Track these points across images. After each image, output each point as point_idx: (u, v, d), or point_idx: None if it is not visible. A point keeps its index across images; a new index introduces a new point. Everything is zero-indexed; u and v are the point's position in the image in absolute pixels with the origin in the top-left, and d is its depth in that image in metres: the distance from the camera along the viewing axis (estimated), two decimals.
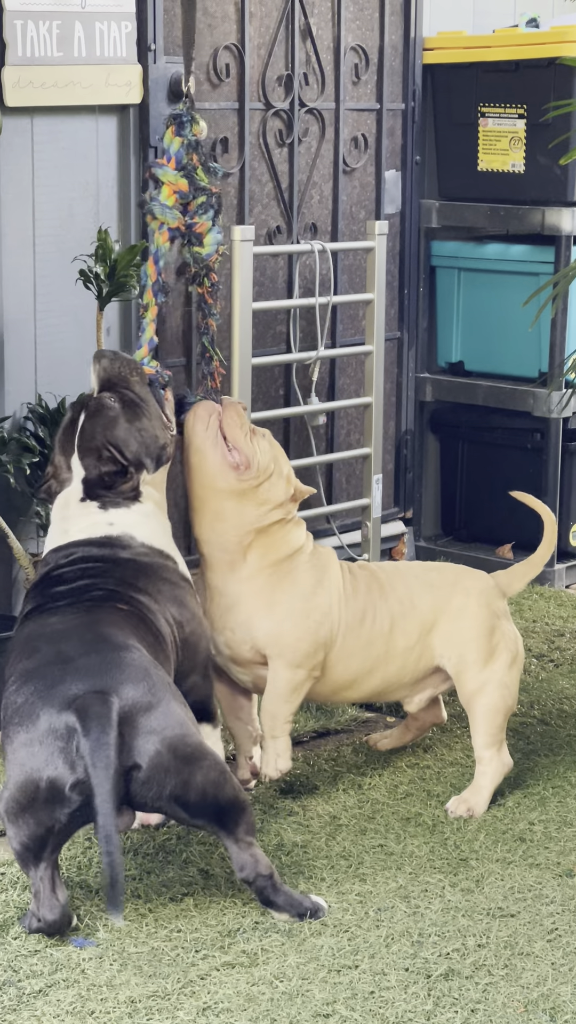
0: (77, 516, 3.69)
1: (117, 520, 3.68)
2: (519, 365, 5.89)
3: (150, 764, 3.19)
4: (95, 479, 3.70)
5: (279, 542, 3.93)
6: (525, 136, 5.75)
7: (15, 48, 4.54)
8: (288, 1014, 3.00)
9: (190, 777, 3.21)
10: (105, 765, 3.12)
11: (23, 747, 3.21)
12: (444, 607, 4.01)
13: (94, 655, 3.29)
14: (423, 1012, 3.02)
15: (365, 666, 3.98)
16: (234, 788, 3.28)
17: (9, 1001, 3.03)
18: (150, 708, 3.22)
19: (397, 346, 6.00)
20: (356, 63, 5.68)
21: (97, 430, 3.73)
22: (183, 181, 4.01)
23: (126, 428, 3.73)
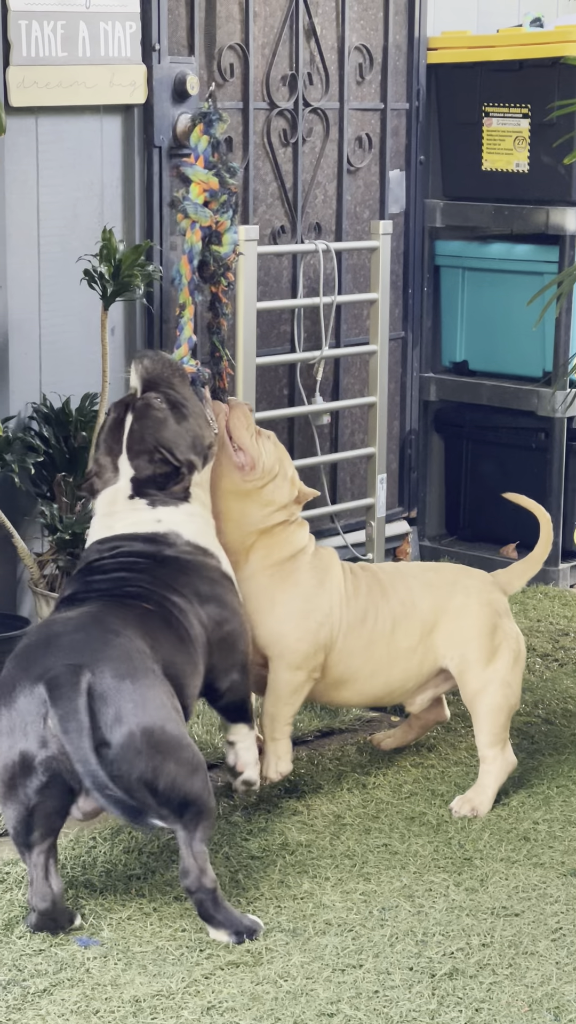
0: (125, 512, 3.70)
1: (165, 518, 3.69)
2: (523, 364, 5.89)
3: (120, 744, 3.17)
4: (145, 479, 3.71)
5: (282, 543, 3.93)
6: (529, 135, 5.75)
7: (19, 48, 4.54)
8: (292, 1013, 3.00)
9: (161, 765, 3.19)
10: (77, 728, 3.12)
11: (4, 723, 3.23)
12: (445, 607, 4.01)
13: (80, 634, 3.30)
14: (427, 1011, 3.02)
15: (367, 668, 3.97)
16: (205, 789, 3.25)
17: (14, 1000, 3.04)
18: (127, 690, 3.20)
19: (401, 346, 6.00)
20: (360, 63, 5.69)
21: (147, 431, 3.72)
22: (214, 179, 3.99)
23: (175, 429, 3.73)
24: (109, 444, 3.76)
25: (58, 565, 4.50)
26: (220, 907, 3.27)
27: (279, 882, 3.54)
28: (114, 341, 4.96)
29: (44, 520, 4.53)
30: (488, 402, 5.95)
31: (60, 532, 4.44)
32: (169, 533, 3.66)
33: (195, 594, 3.60)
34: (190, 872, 3.24)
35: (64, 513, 4.53)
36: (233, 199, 4.04)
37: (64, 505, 4.56)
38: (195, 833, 3.24)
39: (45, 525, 4.53)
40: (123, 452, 3.73)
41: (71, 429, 4.65)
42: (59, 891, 3.28)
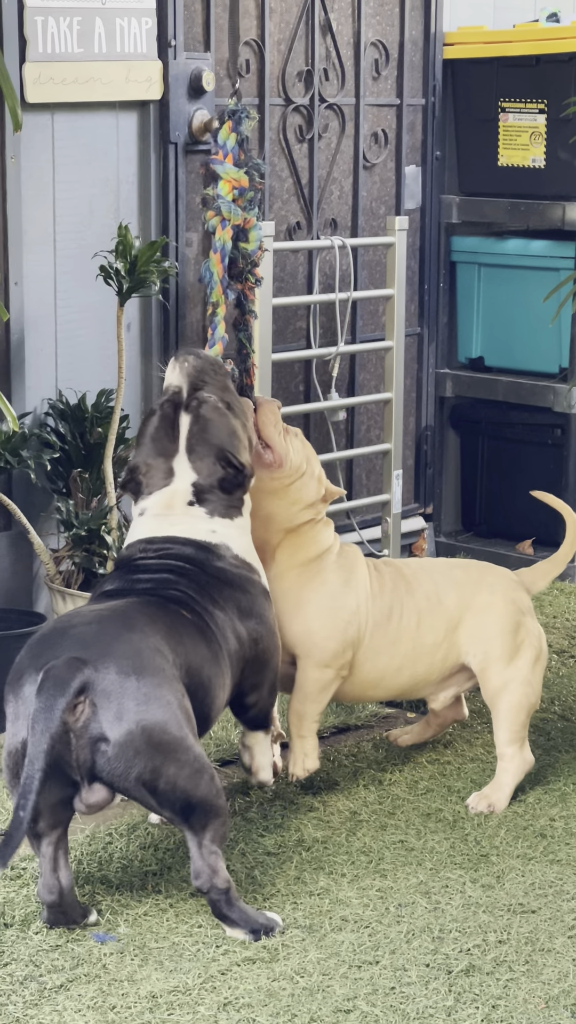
0: (181, 517, 3.64)
1: (220, 530, 3.64)
2: (539, 360, 5.88)
3: (119, 741, 3.15)
4: (209, 484, 3.64)
5: (308, 542, 3.92)
6: (546, 131, 5.74)
7: (35, 44, 4.54)
8: (309, 1009, 3.00)
9: (161, 766, 3.17)
10: (43, 728, 3.10)
11: (11, 709, 3.24)
12: (470, 603, 4.01)
13: (95, 626, 3.28)
14: (444, 1008, 3.02)
15: (393, 664, 3.97)
16: (211, 791, 3.22)
17: (31, 996, 3.04)
18: (132, 687, 3.17)
19: (417, 342, 5.99)
20: (376, 58, 5.68)
21: (209, 433, 3.65)
22: (244, 177, 3.99)
23: (234, 431, 3.68)
24: (162, 444, 3.66)
25: (74, 561, 4.50)
26: (234, 906, 3.26)
27: (295, 878, 3.54)
28: (130, 337, 4.96)
29: (60, 516, 4.53)
30: (504, 398, 5.94)
31: (76, 528, 4.44)
32: (221, 545, 3.63)
33: (236, 608, 3.58)
34: (201, 873, 3.23)
35: (80, 509, 4.53)
36: (258, 195, 4.04)
37: (80, 501, 4.56)
38: (204, 834, 3.23)
39: (61, 521, 4.53)
40: (181, 453, 3.65)
41: (87, 425, 4.65)
42: (67, 885, 3.27)
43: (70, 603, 4.44)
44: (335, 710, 4.52)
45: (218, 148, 4.02)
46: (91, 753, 3.16)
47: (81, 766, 3.16)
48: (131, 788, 3.19)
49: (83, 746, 3.15)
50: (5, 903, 3.38)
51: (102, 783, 3.20)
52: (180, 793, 3.19)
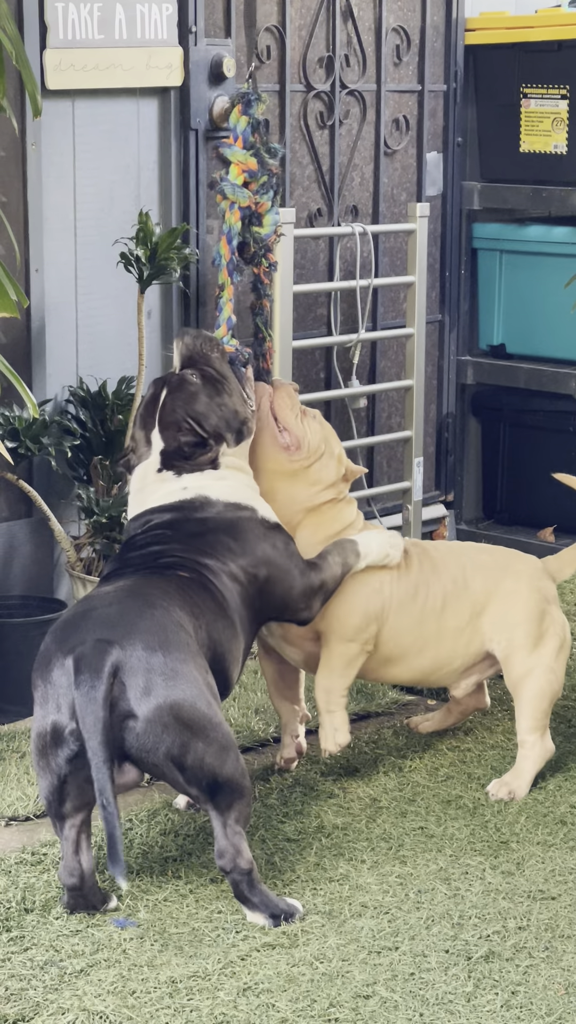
0: (154, 485, 3.73)
1: (191, 484, 3.71)
2: (561, 347, 5.87)
3: (148, 717, 3.17)
4: (173, 450, 3.73)
5: (329, 520, 3.93)
6: (568, 117, 5.72)
7: (56, 31, 4.54)
8: (328, 995, 3.00)
9: (190, 741, 3.19)
10: (94, 718, 3.13)
11: (39, 693, 3.26)
12: (495, 589, 4.00)
13: (115, 606, 3.31)
14: (463, 994, 3.01)
15: (417, 644, 3.97)
16: (237, 770, 3.25)
17: (51, 980, 3.05)
18: (159, 664, 3.20)
19: (438, 329, 5.98)
20: (397, 44, 5.66)
21: (178, 404, 3.75)
22: (252, 160, 3.98)
23: (206, 403, 3.76)
24: (144, 419, 3.80)
25: (95, 548, 4.51)
26: (256, 889, 3.27)
27: (315, 864, 3.54)
28: (150, 324, 4.96)
29: (81, 503, 4.54)
30: (525, 385, 5.93)
31: (97, 515, 4.45)
32: (196, 498, 3.68)
33: (228, 551, 3.61)
34: (225, 853, 3.25)
35: (101, 496, 4.53)
36: (274, 180, 4.03)
37: (101, 488, 4.56)
38: (229, 814, 3.24)
39: (82, 508, 4.54)
40: (155, 426, 3.76)
41: (107, 412, 4.65)
42: (89, 868, 3.29)
43: (90, 590, 4.44)
44: (355, 697, 4.52)
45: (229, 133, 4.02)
46: (120, 731, 3.18)
47: (112, 745, 3.17)
48: (160, 764, 3.20)
49: (113, 724, 3.17)
50: (26, 888, 3.38)
51: (131, 762, 3.22)
52: (208, 769, 3.21)
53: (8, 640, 4.40)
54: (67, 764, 3.21)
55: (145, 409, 3.80)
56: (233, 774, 3.24)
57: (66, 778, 3.22)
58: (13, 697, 4.40)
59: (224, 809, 3.24)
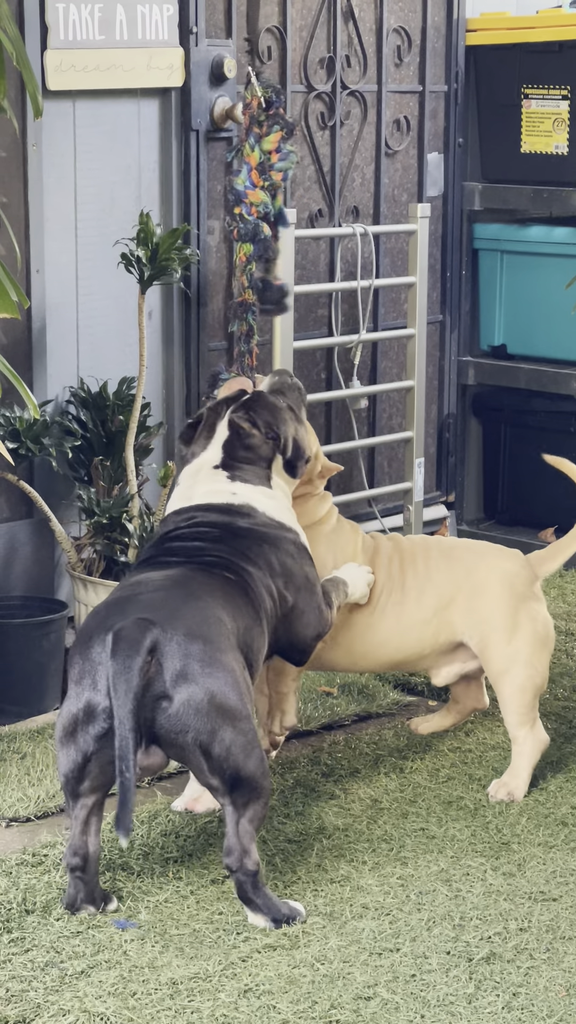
0: (204, 481, 3.73)
1: (240, 491, 3.71)
2: (562, 348, 5.87)
3: (182, 700, 3.18)
4: (235, 443, 3.73)
5: (303, 515, 3.96)
6: (569, 117, 5.72)
7: (57, 32, 4.54)
8: (329, 996, 3.00)
9: (220, 728, 3.20)
10: (127, 686, 3.14)
11: (77, 671, 3.26)
12: (462, 583, 4.01)
13: (161, 593, 3.33)
14: (464, 995, 3.01)
15: (377, 637, 3.98)
16: (260, 769, 3.25)
17: (51, 982, 3.05)
18: (197, 650, 3.22)
19: (439, 329, 5.98)
20: (398, 45, 5.66)
21: (258, 403, 3.78)
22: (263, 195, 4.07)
23: (284, 416, 3.79)
24: (216, 408, 3.80)
25: (95, 549, 4.51)
26: (260, 891, 3.26)
27: (316, 866, 3.54)
28: (151, 325, 4.96)
29: (81, 504, 4.54)
30: (526, 386, 5.92)
31: (97, 516, 4.45)
32: (243, 505, 3.69)
33: (267, 564, 3.62)
34: (233, 851, 3.24)
35: (101, 497, 4.53)
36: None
37: (101, 489, 4.56)
38: (244, 812, 3.24)
39: (83, 509, 4.54)
40: (226, 416, 3.76)
41: (108, 413, 4.65)
42: (94, 852, 3.28)
43: (91, 591, 4.45)
44: (356, 698, 4.52)
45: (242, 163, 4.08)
46: (152, 711, 3.19)
47: (142, 724, 3.18)
48: (187, 748, 3.21)
49: (145, 704, 3.18)
50: (27, 889, 3.38)
51: (158, 744, 3.23)
52: (232, 762, 3.22)
53: (9, 641, 4.39)
54: (95, 742, 3.22)
55: (222, 402, 3.82)
56: (255, 772, 3.24)
57: (91, 756, 3.23)
58: (14, 698, 4.39)
59: (240, 806, 3.24)
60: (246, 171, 4.08)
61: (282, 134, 4.06)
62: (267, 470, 3.76)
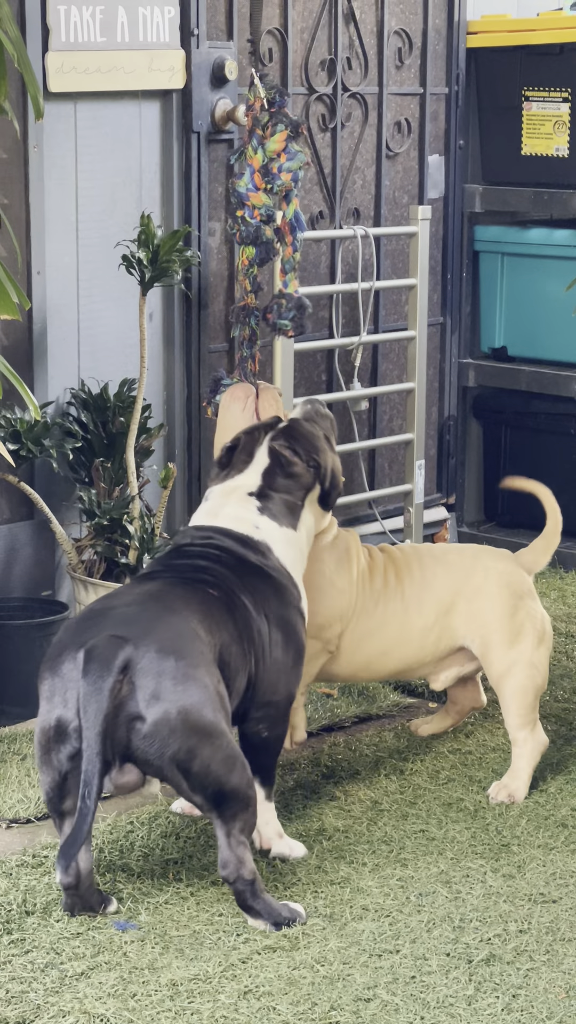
0: (234, 505, 3.67)
1: (264, 528, 3.65)
2: (563, 350, 5.87)
3: (155, 720, 3.15)
4: (275, 471, 3.68)
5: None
6: (569, 120, 5.72)
7: (58, 34, 4.54)
8: (329, 998, 3.00)
9: (196, 748, 3.17)
10: (97, 707, 3.12)
11: (47, 687, 3.24)
12: (462, 588, 4.01)
13: (136, 607, 3.30)
14: (464, 997, 3.01)
15: (380, 647, 3.99)
16: (243, 781, 3.23)
17: (51, 983, 3.05)
18: (171, 667, 3.18)
19: (440, 331, 5.98)
20: (399, 47, 5.66)
21: (296, 434, 3.73)
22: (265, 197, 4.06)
23: (322, 447, 3.75)
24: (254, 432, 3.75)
25: (96, 550, 4.51)
26: (259, 898, 3.26)
27: (316, 867, 3.54)
28: (152, 326, 4.96)
29: (82, 505, 4.54)
30: (527, 388, 5.93)
31: (98, 517, 4.45)
32: (262, 543, 3.63)
33: (265, 606, 3.54)
34: (228, 863, 3.24)
35: (102, 498, 4.54)
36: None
37: (102, 490, 4.56)
38: (233, 824, 3.23)
39: (83, 510, 4.54)
40: (265, 442, 3.71)
41: (109, 415, 4.65)
42: (86, 869, 3.27)
43: (92, 592, 4.45)
44: (356, 700, 4.52)
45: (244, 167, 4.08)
46: (126, 732, 3.17)
47: (115, 745, 3.17)
48: (165, 768, 3.19)
49: (119, 724, 3.16)
50: (27, 891, 3.38)
51: (134, 763, 3.21)
52: (213, 778, 3.20)
53: (9, 642, 4.40)
54: (68, 761, 3.21)
55: (257, 427, 3.77)
56: (239, 784, 3.22)
57: (67, 775, 3.22)
58: (14, 699, 4.40)
59: (228, 819, 3.23)
60: (248, 174, 4.08)
61: (287, 133, 4.06)
62: (301, 502, 3.71)
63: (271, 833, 3.58)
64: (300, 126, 4.09)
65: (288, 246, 4.16)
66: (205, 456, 5.11)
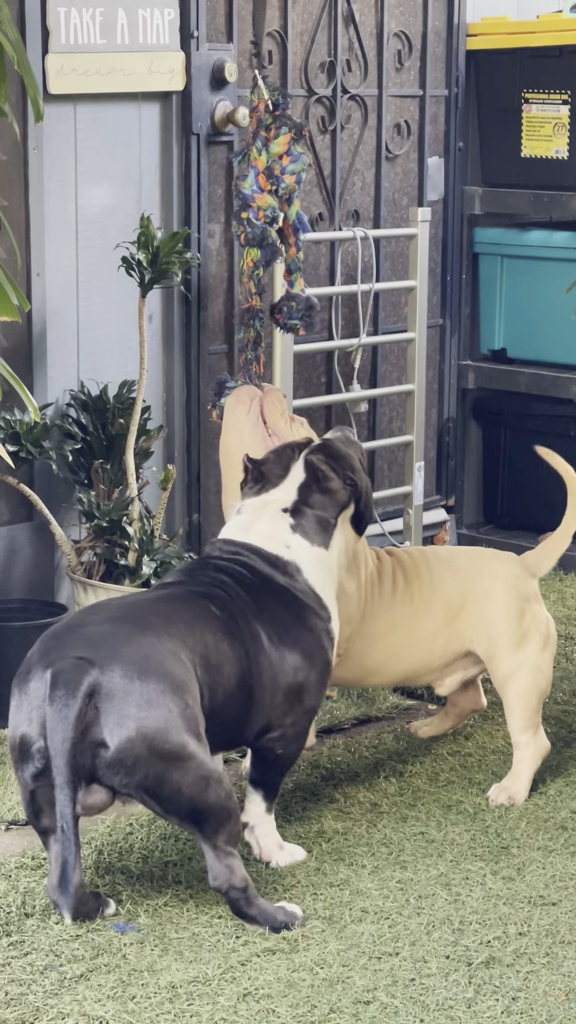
0: (267, 521, 3.62)
1: (295, 547, 3.60)
2: (562, 352, 5.87)
3: (119, 747, 3.12)
4: (312, 486, 3.63)
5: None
6: (569, 122, 5.72)
7: (58, 35, 4.54)
8: (328, 1000, 3.00)
9: (164, 773, 3.13)
10: (62, 737, 3.09)
11: (15, 700, 3.23)
12: (470, 591, 4.00)
13: (108, 626, 3.25)
14: (464, 1000, 3.01)
15: (390, 651, 3.98)
16: (219, 795, 3.18)
17: (51, 985, 3.05)
18: (136, 692, 3.13)
19: (439, 333, 5.98)
20: (399, 49, 5.67)
21: (332, 451, 3.69)
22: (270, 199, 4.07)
23: (356, 467, 3.71)
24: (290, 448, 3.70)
25: (95, 552, 4.51)
26: (253, 904, 3.25)
27: (315, 869, 3.54)
28: (152, 328, 4.96)
29: (82, 507, 4.54)
30: (526, 390, 5.93)
31: (98, 519, 4.45)
32: (291, 563, 3.58)
33: (284, 632, 3.48)
34: (219, 875, 3.22)
35: (102, 500, 4.53)
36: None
37: (101, 492, 4.56)
38: (216, 838, 3.20)
39: (83, 512, 4.54)
40: (300, 458, 3.66)
41: (109, 416, 4.65)
42: (77, 883, 3.21)
43: (91, 593, 4.45)
44: (356, 701, 4.52)
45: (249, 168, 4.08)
46: (91, 758, 3.14)
47: (79, 769, 3.13)
48: (134, 794, 3.17)
49: (83, 749, 3.13)
50: (26, 893, 3.38)
51: (101, 785, 3.18)
52: (186, 800, 3.16)
53: (9, 644, 4.39)
54: (33, 780, 3.19)
55: (287, 445, 3.73)
56: (215, 801, 3.18)
57: (34, 792, 3.21)
58: None
59: (211, 834, 3.20)
60: (253, 175, 4.07)
61: (291, 136, 4.06)
62: (334, 520, 3.65)
63: (271, 846, 3.56)
64: (303, 128, 4.09)
65: (292, 247, 4.16)
66: (204, 458, 5.11)
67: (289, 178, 4.07)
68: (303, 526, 3.62)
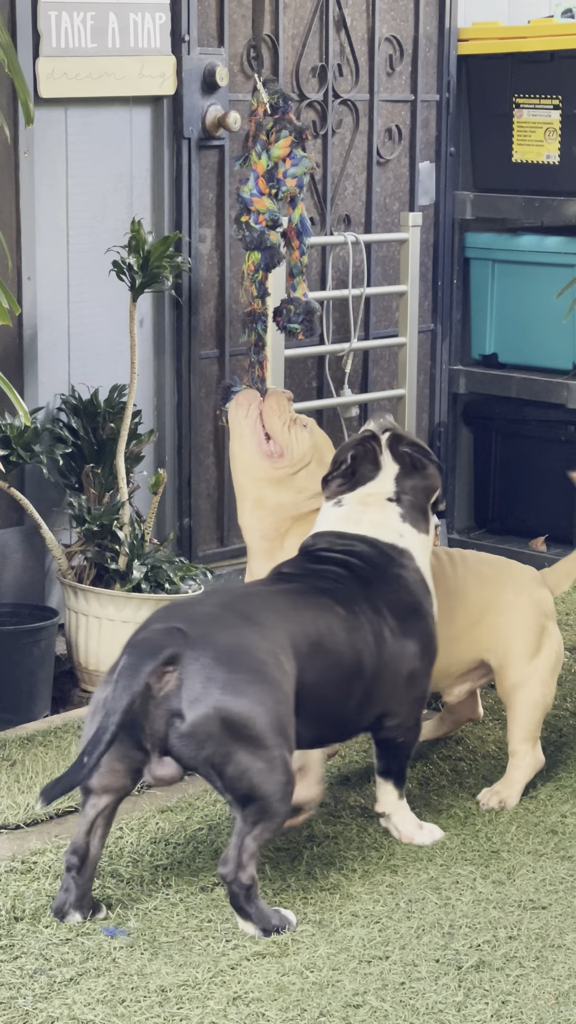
0: (376, 510, 3.67)
1: (407, 535, 3.67)
2: (553, 357, 5.87)
3: (194, 721, 3.15)
4: (408, 475, 3.69)
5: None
6: (560, 127, 5.73)
7: (49, 39, 4.54)
8: (318, 1004, 3.00)
9: (234, 753, 3.16)
10: (126, 685, 3.12)
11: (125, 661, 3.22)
12: (494, 602, 3.99)
13: (217, 610, 3.30)
14: (454, 1003, 3.01)
15: None
16: (277, 792, 3.19)
17: (40, 989, 3.04)
18: (223, 675, 3.16)
19: (430, 338, 5.99)
20: (390, 54, 5.67)
21: (408, 438, 3.74)
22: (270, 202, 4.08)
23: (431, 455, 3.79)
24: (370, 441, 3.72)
25: (86, 556, 4.50)
26: (253, 902, 3.25)
27: (306, 873, 3.53)
28: (142, 333, 4.96)
29: (72, 511, 4.53)
30: (517, 395, 5.93)
31: (88, 523, 4.44)
32: (406, 551, 3.65)
33: (403, 622, 3.55)
34: (229, 862, 3.22)
35: (92, 504, 4.53)
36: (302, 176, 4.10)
37: (92, 496, 4.56)
38: (251, 829, 3.21)
39: (73, 516, 4.54)
40: (384, 450, 3.70)
41: (99, 420, 4.65)
42: (94, 854, 3.26)
43: (81, 598, 4.45)
44: None
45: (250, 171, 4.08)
46: (165, 725, 3.17)
47: (153, 735, 3.17)
48: (199, 767, 3.20)
49: (159, 716, 3.16)
50: (16, 897, 3.38)
51: (173, 757, 3.21)
52: (246, 783, 3.18)
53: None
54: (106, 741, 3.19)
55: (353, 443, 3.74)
56: (271, 794, 3.19)
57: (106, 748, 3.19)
58: (4, 705, 4.39)
59: (250, 822, 3.21)
60: (253, 179, 4.07)
61: (292, 139, 4.06)
62: (427, 509, 3.73)
63: (411, 828, 3.68)
64: (304, 131, 4.10)
65: (295, 250, 4.16)
66: (195, 462, 5.11)
67: (290, 181, 4.07)
68: (410, 514, 3.69)
